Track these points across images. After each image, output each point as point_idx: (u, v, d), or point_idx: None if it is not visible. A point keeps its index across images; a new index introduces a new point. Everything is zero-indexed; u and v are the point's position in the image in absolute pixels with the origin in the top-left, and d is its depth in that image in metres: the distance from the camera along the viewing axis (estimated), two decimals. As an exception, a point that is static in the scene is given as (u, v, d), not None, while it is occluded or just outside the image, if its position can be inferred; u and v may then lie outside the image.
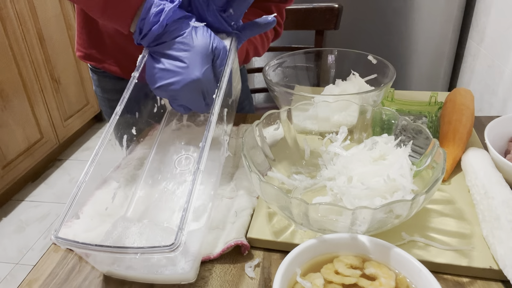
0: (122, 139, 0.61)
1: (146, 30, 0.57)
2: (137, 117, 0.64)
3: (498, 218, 0.49)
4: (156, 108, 0.70)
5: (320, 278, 0.42)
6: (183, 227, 0.43)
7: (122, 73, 0.86)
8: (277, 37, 0.90)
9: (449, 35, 1.59)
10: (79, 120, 2.50)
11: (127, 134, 0.62)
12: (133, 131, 0.63)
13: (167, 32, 0.58)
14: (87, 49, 0.86)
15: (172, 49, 0.58)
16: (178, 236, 0.42)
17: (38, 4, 2.08)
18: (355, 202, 0.52)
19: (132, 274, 0.49)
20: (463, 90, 0.76)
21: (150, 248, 0.42)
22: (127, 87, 0.59)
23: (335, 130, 0.65)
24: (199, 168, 0.48)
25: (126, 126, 0.62)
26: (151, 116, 0.69)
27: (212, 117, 0.54)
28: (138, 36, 0.59)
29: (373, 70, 0.81)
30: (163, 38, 0.58)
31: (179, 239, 0.42)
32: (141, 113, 0.66)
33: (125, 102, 0.58)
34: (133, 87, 0.60)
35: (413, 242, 0.51)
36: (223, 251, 0.52)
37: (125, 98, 0.58)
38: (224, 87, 0.58)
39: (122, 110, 0.58)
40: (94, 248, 0.43)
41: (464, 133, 0.66)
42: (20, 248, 1.82)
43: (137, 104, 0.64)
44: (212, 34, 0.60)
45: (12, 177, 2.02)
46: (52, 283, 0.51)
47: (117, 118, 0.57)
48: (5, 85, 1.91)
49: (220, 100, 0.56)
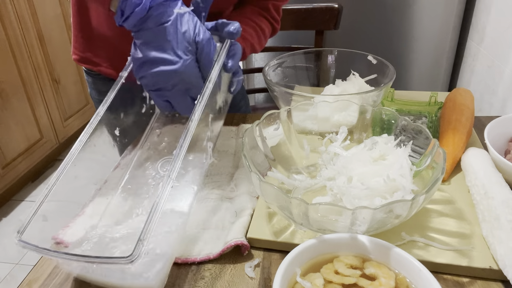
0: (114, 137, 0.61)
1: (129, 12, 0.55)
2: (122, 118, 0.63)
3: (498, 218, 0.49)
4: (144, 109, 0.69)
5: (320, 278, 0.42)
6: (143, 237, 0.42)
7: (118, 76, 0.86)
8: (274, 33, 0.90)
9: (449, 35, 1.59)
10: (79, 120, 2.50)
11: (112, 135, 0.62)
12: (116, 132, 0.63)
13: (151, 16, 0.56)
14: (83, 53, 0.86)
15: (156, 39, 0.56)
16: (137, 248, 0.41)
17: (38, 4, 2.08)
18: (355, 202, 0.52)
19: (92, 277, 0.48)
20: (463, 90, 0.76)
21: (107, 258, 0.42)
22: (113, 87, 0.59)
23: (335, 130, 0.65)
24: (170, 176, 0.46)
25: (111, 126, 0.61)
26: (139, 116, 0.68)
27: (191, 123, 0.51)
28: (120, 18, 0.56)
29: (373, 70, 0.81)
30: (146, 23, 0.56)
31: (138, 250, 0.41)
32: (126, 114, 0.65)
33: (109, 102, 0.58)
34: (122, 87, 0.59)
35: (413, 242, 0.51)
36: (223, 251, 0.52)
37: (109, 98, 0.58)
38: (207, 93, 0.55)
39: (105, 110, 0.57)
40: (52, 254, 0.43)
41: (464, 133, 0.66)
42: (20, 248, 1.82)
43: (123, 104, 0.63)
44: (198, 25, 0.58)
45: (12, 177, 2.02)
46: (52, 283, 0.51)
47: (98, 118, 0.56)
48: (5, 85, 1.91)
49: (202, 106, 0.54)
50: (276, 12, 0.88)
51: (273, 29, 0.89)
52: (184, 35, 0.57)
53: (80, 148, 0.54)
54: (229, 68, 0.61)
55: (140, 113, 0.69)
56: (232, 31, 0.60)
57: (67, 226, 0.56)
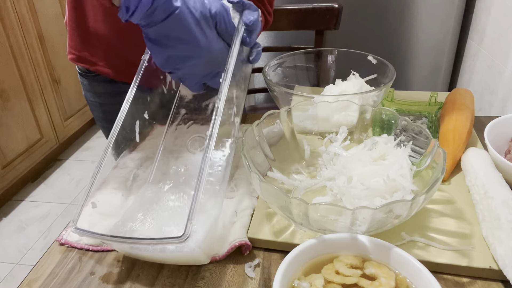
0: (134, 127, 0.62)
1: (134, 7, 0.53)
2: (148, 101, 0.65)
3: (498, 218, 0.49)
4: (166, 90, 0.70)
5: (320, 279, 0.42)
6: (192, 217, 0.44)
7: (115, 75, 0.85)
8: (267, 25, 0.89)
9: (449, 35, 1.59)
10: (79, 120, 2.50)
11: (139, 120, 0.63)
12: (145, 116, 0.64)
13: (158, 7, 0.54)
14: (79, 52, 0.85)
15: (172, 30, 0.55)
16: (188, 227, 0.43)
17: (38, 4, 2.08)
18: (355, 202, 0.52)
19: (145, 254, 0.52)
20: (463, 90, 0.76)
21: (161, 239, 0.45)
22: (138, 71, 0.59)
23: (335, 130, 0.65)
24: (206, 156, 0.48)
25: (139, 112, 0.62)
26: (163, 101, 0.69)
27: (219, 102, 0.52)
28: (125, 13, 0.55)
29: (373, 70, 0.81)
30: (154, 15, 0.54)
31: (188, 229, 0.43)
32: (152, 99, 0.66)
33: (136, 87, 0.58)
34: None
35: (413, 242, 0.51)
36: (228, 252, 0.52)
37: (136, 82, 0.59)
38: (231, 69, 0.56)
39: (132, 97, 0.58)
40: (110, 238, 0.47)
41: (464, 133, 0.66)
42: (20, 248, 1.82)
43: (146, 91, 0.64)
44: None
45: (12, 177, 2.02)
46: (52, 283, 0.51)
47: (127, 106, 0.58)
48: (5, 85, 1.92)
49: (228, 83, 0.55)
50: (269, 4, 0.88)
51: (266, 21, 0.88)
52: (199, 15, 0.56)
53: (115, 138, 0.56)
54: (249, 43, 0.61)
55: (164, 94, 0.70)
56: (248, 23, 0.60)
57: (68, 227, 0.56)
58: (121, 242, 0.49)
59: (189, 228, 0.43)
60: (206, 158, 0.48)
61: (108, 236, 0.47)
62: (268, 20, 0.88)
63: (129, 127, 0.60)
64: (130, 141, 0.62)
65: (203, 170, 0.47)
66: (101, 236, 0.47)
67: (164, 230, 0.52)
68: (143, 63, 0.60)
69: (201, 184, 0.46)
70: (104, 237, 0.47)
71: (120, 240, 0.47)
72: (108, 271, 0.52)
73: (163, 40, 0.56)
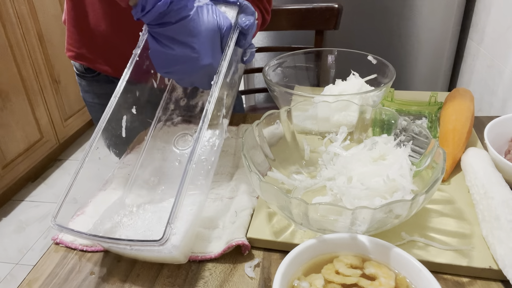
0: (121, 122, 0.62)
1: (150, 7, 0.54)
2: (137, 96, 0.65)
3: (497, 218, 0.49)
4: (156, 84, 0.70)
5: (320, 279, 0.42)
6: (172, 221, 0.44)
7: (114, 73, 0.85)
8: (265, 24, 0.89)
9: (449, 35, 1.59)
10: (79, 120, 2.50)
11: (126, 115, 0.62)
12: (133, 111, 0.64)
13: (172, 11, 0.55)
14: (78, 49, 0.85)
15: (180, 34, 0.56)
16: (167, 231, 0.44)
17: (38, 4, 2.08)
18: (355, 202, 0.52)
19: (120, 251, 0.52)
20: (463, 90, 0.76)
21: (139, 242, 0.45)
22: (128, 65, 0.59)
23: (335, 130, 0.65)
24: (192, 159, 0.48)
25: (126, 107, 0.62)
26: (152, 95, 0.69)
27: (209, 105, 0.53)
28: (139, 12, 0.55)
29: (373, 70, 0.81)
30: (166, 17, 0.55)
31: (167, 233, 0.44)
32: (141, 94, 0.66)
33: (125, 82, 0.58)
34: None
35: (413, 242, 0.51)
36: (224, 251, 0.52)
37: (126, 75, 0.59)
38: (223, 72, 0.56)
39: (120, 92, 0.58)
40: (88, 237, 0.47)
41: (464, 133, 0.66)
42: (20, 248, 1.82)
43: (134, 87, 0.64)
44: (218, 13, 0.58)
45: (12, 177, 2.02)
46: (52, 283, 0.51)
47: (115, 100, 0.57)
48: (5, 85, 1.91)
49: (219, 86, 0.55)
50: (267, 3, 0.88)
51: (263, 20, 0.88)
52: (206, 27, 0.57)
53: (100, 133, 0.56)
54: (243, 45, 0.62)
55: (153, 89, 0.70)
56: (244, 27, 0.61)
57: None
58: (100, 242, 0.49)
59: (168, 232, 0.44)
60: (191, 162, 0.48)
61: (87, 234, 0.47)
62: (265, 18, 0.88)
63: (115, 122, 0.60)
64: (117, 137, 0.61)
65: (186, 176, 0.47)
66: (79, 234, 0.48)
67: (145, 232, 0.53)
68: (135, 56, 0.60)
69: (183, 189, 0.46)
70: (82, 235, 0.47)
71: (99, 240, 0.47)
72: (108, 271, 0.52)
73: (167, 41, 0.57)
